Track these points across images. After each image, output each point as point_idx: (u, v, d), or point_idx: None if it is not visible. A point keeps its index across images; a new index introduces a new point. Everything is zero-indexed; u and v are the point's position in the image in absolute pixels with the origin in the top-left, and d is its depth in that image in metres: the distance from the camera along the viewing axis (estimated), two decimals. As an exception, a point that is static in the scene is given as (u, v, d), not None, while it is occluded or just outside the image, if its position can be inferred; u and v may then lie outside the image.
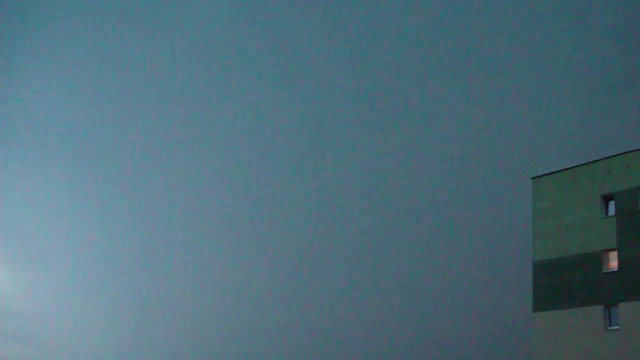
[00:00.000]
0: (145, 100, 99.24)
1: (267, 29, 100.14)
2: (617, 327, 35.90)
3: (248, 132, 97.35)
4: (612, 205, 38.10)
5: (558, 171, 41.10)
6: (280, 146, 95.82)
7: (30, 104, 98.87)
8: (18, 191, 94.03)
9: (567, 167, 40.77)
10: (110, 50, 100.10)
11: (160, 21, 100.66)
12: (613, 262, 37.24)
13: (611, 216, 37.74)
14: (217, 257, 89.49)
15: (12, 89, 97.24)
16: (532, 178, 42.29)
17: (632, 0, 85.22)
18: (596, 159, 39.51)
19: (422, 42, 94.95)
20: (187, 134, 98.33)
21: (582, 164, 39.98)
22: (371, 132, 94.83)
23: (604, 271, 37.27)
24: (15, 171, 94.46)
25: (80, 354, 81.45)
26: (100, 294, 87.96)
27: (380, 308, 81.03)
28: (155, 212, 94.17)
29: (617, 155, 38.44)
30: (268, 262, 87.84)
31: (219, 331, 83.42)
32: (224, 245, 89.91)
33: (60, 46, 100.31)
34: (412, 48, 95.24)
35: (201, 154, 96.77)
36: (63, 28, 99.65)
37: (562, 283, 38.65)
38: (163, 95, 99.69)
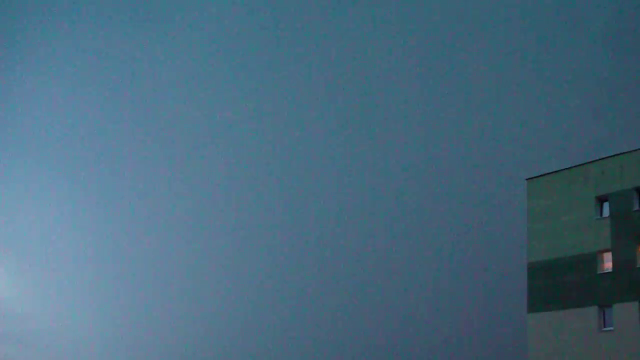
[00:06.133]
0: (145, 101, 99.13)
1: (267, 30, 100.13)
2: (612, 328, 35.96)
3: (248, 132, 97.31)
4: (606, 206, 38.14)
5: (553, 172, 41.11)
6: (280, 147, 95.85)
7: (30, 105, 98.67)
8: (17, 193, 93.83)
9: (562, 168, 40.80)
10: (110, 52, 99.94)
11: (160, 22, 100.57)
12: (607, 263, 37.29)
13: (605, 217, 37.79)
14: (216, 259, 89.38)
15: (12, 90, 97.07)
16: (527, 179, 42.31)
17: (627, 1, 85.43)
18: (591, 160, 39.54)
19: (418, 43, 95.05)
20: (186, 135, 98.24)
21: (577, 165, 40.00)
22: (367, 133, 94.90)
23: (599, 272, 37.31)
24: (15, 173, 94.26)
25: (80, 356, 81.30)
26: (100, 295, 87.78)
27: (374, 309, 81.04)
28: (155, 214, 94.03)
29: (612, 156, 38.48)
30: (267, 262, 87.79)
31: (218, 332, 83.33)
32: (223, 247, 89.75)
33: (59, 48, 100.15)
34: (407, 49, 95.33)
35: (201, 155, 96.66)
36: (63, 29, 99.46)
37: (557, 284, 38.68)
38: (163, 96, 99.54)
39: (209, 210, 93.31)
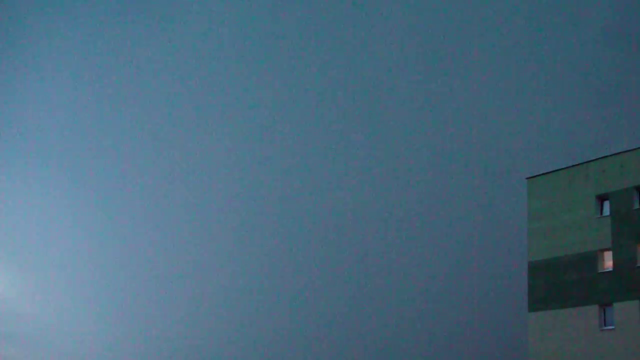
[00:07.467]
0: (145, 101, 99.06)
1: (266, 29, 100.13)
2: (612, 327, 35.94)
3: (248, 132, 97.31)
4: (607, 205, 38.11)
5: (553, 171, 41.11)
6: (280, 147, 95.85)
7: (30, 105, 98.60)
8: (17, 193, 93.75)
9: (562, 167, 40.78)
10: (110, 52, 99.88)
11: (159, 21, 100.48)
12: (608, 262, 37.28)
13: (606, 216, 37.76)
14: (216, 259, 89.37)
15: (12, 89, 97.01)
16: (527, 178, 42.31)
17: (627, 1, 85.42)
18: (591, 159, 39.53)
19: (417, 42, 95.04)
20: (187, 135, 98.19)
21: (577, 164, 39.99)
22: (366, 132, 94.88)
23: (599, 271, 37.30)
24: (14, 173, 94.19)
25: (80, 356, 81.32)
26: (100, 295, 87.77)
27: (374, 308, 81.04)
28: (156, 214, 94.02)
29: (612, 155, 38.47)
30: (267, 262, 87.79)
31: (218, 333, 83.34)
32: (223, 247, 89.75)
33: (60, 48, 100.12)
34: (406, 48, 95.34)
35: (200, 156, 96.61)
36: (63, 28, 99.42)
37: (557, 283, 38.67)
38: (163, 96, 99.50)
39: (209, 209, 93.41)
